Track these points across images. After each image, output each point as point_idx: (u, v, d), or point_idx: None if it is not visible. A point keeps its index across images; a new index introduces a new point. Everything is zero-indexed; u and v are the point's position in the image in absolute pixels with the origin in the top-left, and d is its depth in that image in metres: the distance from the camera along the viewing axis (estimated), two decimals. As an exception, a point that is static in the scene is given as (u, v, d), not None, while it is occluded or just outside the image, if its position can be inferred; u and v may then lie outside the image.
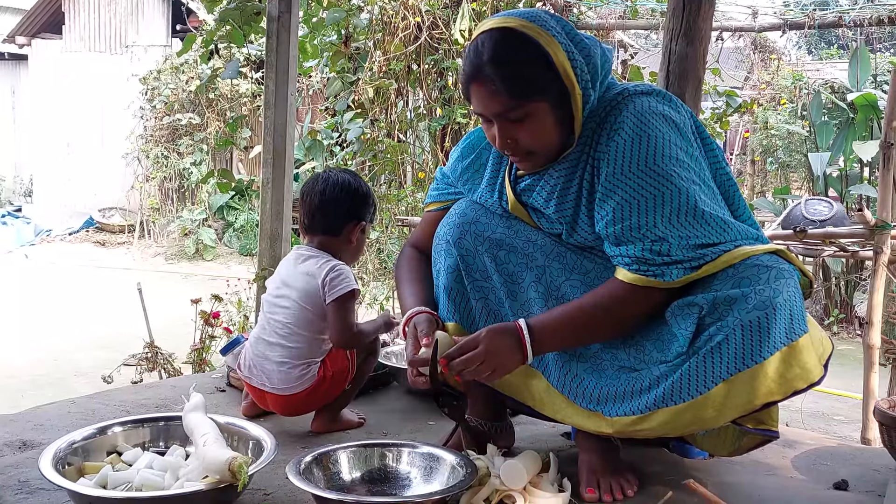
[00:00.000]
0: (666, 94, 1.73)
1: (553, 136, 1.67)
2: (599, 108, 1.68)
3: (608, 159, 1.63)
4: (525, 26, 1.61)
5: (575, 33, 1.66)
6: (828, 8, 6.45)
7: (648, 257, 1.58)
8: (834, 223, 4.98)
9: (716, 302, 1.53)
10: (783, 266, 1.57)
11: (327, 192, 2.15)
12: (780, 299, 1.51)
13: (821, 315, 7.18)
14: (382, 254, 7.04)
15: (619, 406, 1.63)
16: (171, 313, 5.31)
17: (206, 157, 11.75)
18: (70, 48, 13.14)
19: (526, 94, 1.60)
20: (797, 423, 3.91)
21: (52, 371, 5.75)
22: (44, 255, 11.25)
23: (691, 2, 2.62)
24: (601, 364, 1.70)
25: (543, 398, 1.77)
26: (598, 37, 7.15)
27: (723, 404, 1.52)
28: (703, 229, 1.57)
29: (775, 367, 1.51)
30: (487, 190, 1.86)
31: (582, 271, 1.75)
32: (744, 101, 6.74)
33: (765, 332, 1.50)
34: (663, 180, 1.58)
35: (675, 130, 1.64)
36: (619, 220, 1.61)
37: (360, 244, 2.22)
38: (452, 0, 5.96)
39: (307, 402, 2.13)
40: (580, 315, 1.65)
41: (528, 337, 1.63)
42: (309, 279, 2.11)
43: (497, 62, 1.60)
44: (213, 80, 9.85)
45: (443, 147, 6.55)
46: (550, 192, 1.73)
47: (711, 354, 1.53)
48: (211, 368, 3.95)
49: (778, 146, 8.93)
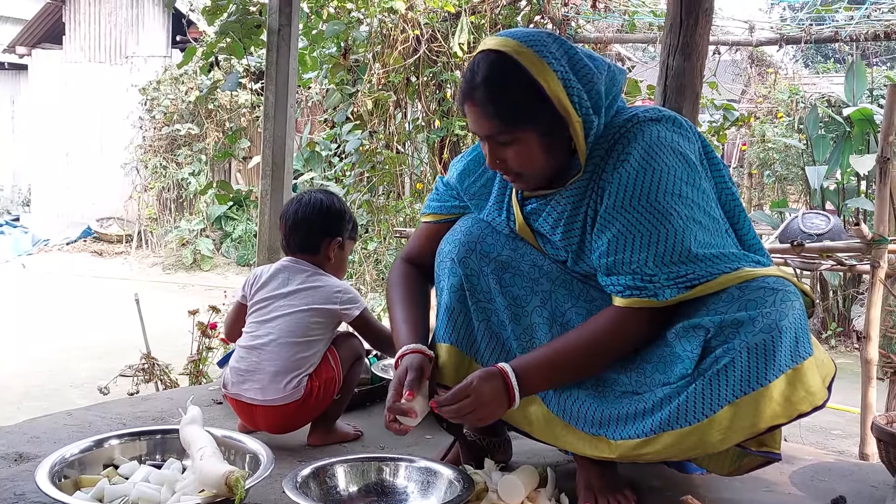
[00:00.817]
0: (676, 118, 1.70)
1: (540, 163, 1.65)
2: (608, 133, 1.66)
3: (611, 190, 1.62)
4: (520, 52, 1.58)
5: (578, 59, 1.63)
6: (824, 23, 6.48)
7: (640, 285, 1.58)
8: (831, 237, 4.98)
9: (723, 325, 1.53)
10: (789, 288, 1.56)
11: (300, 212, 2.24)
12: (786, 322, 1.51)
13: (818, 329, 7.18)
14: (380, 265, 7.05)
15: (622, 429, 1.61)
16: (167, 324, 5.31)
17: (204, 168, 11.76)
18: (70, 58, 13.17)
19: (514, 122, 1.60)
20: (795, 437, 3.91)
21: (47, 382, 5.73)
22: (41, 264, 11.25)
23: (688, 18, 2.63)
24: (602, 389, 1.67)
25: (542, 424, 1.74)
26: (596, 50, 7.19)
27: (728, 427, 1.51)
28: (692, 266, 1.57)
29: (780, 390, 1.50)
30: (495, 208, 1.83)
31: (588, 299, 1.73)
32: (741, 114, 6.76)
33: (770, 354, 1.49)
34: (662, 218, 1.57)
35: (683, 162, 1.62)
36: (612, 252, 1.61)
37: (339, 261, 2.28)
38: (451, 13, 5.98)
39: (297, 414, 2.11)
40: (570, 352, 1.63)
41: (515, 381, 1.61)
42: (316, 291, 2.14)
43: (488, 87, 1.60)
44: (212, 92, 9.88)
45: (441, 158, 6.57)
46: (557, 219, 1.71)
47: (717, 377, 1.51)
48: (207, 380, 3.94)
49: (775, 159, 8.95)
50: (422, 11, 5.88)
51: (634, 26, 6.81)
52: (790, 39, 6.46)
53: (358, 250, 6.98)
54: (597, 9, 6.16)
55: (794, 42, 6.43)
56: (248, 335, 2.15)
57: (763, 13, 20.26)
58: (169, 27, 12.69)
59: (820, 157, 7.67)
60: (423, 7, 5.89)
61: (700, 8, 2.63)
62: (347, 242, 2.28)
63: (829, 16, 6.49)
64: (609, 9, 6.59)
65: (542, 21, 6.44)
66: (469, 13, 6.05)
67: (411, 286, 1.93)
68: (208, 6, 3.92)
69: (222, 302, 4.84)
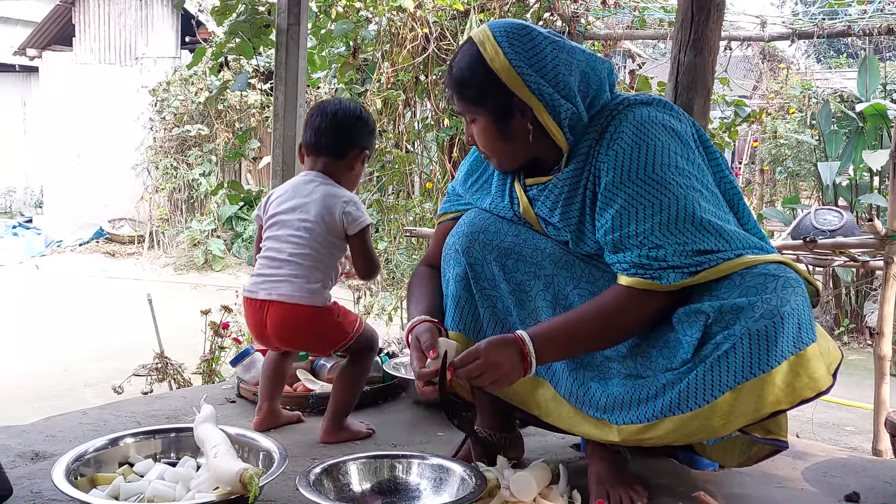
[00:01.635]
0: (666, 102, 1.75)
1: (498, 145, 1.75)
2: (600, 117, 1.72)
3: (608, 168, 1.66)
4: (483, 41, 1.69)
5: (541, 48, 1.68)
6: (837, 17, 6.44)
7: (645, 263, 1.59)
8: (844, 233, 4.95)
9: (722, 310, 1.54)
10: (790, 275, 1.57)
11: (339, 114, 2.21)
12: (788, 308, 1.52)
13: (831, 325, 7.14)
14: (391, 264, 7.05)
15: (626, 414, 1.63)
16: (180, 323, 5.33)
17: (214, 168, 11.80)
18: (80, 60, 13.24)
19: (469, 103, 1.73)
20: (808, 433, 3.89)
21: (61, 382, 5.76)
22: (54, 265, 11.31)
23: (700, 13, 2.62)
24: (608, 372, 1.71)
25: (550, 407, 1.78)
26: (606, 47, 7.16)
27: (730, 413, 1.53)
28: (700, 236, 1.58)
29: (783, 376, 1.51)
30: (498, 194, 1.87)
31: (590, 280, 1.76)
32: (752, 110, 6.73)
33: (772, 340, 1.50)
34: (661, 188, 1.60)
35: (675, 138, 1.66)
36: (617, 227, 1.63)
37: (358, 174, 2.27)
38: (460, 11, 5.98)
39: (311, 322, 2.12)
40: (582, 323, 1.66)
41: (532, 348, 1.63)
42: (327, 204, 2.14)
43: (455, 67, 1.74)
44: (222, 93, 9.91)
45: (450, 157, 6.56)
46: (555, 201, 1.75)
47: (718, 363, 1.53)
48: (220, 379, 3.95)
49: (787, 155, 8.90)
50: (431, 10, 5.87)
51: (644, 23, 6.78)
52: (802, 34, 6.43)
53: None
54: (607, 5, 6.14)
55: (807, 37, 6.39)
56: (266, 248, 2.18)
57: (775, 8, 20.17)
58: (178, 28, 12.74)
59: (832, 152, 7.63)
60: (431, 5, 5.88)
61: (711, 3, 2.62)
62: (369, 156, 2.29)
63: (841, 10, 6.44)
64: (619, 5, 6.57)
65: (552, 18, 6.43)
66: (478, 11, 6.04)
67: (428, 283, 1.98)
68: (217, 6, 3.93)
69: (234, 301, 4.86)
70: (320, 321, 2.13)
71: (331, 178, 2.20)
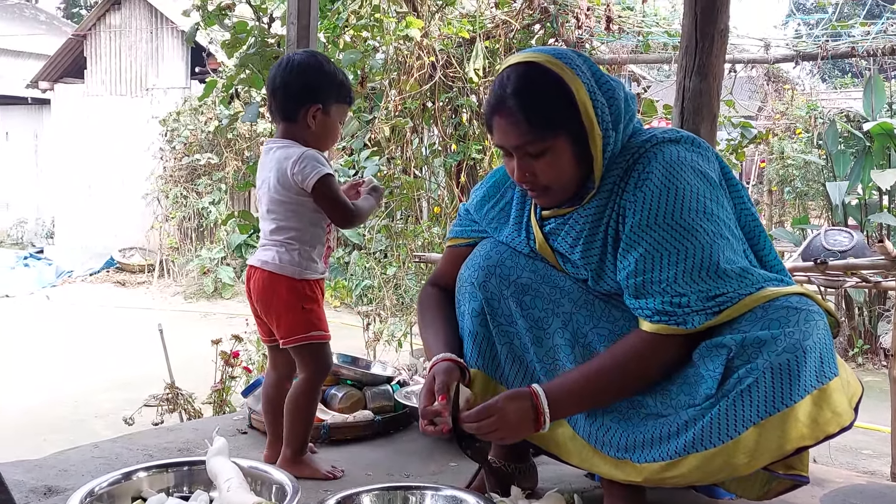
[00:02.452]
0: (694, 139, 1.72)
1: (570, 173, 1.67)
2: (626, 153, 1.68)
3: (634, 209, 1.62)
4: (550, 62, 1.63)
5: (601, 74, 1.67)
6: (840, 38, 6.46)
7: (669, 310, 1.57)
8: (854, 254, 4.94)
9: (745, 343, 1.51)
10: (812, 308, 1.55)
11: (283, 73, 2.08)
12: (810, 342, 1.50)
13: (845, 346, 7.09)
14: (399, 290, 7.05)
15: (647, 452, 1.60)
16: (189, 352, 5.34)
17: (224, 196, 11.87)
18: (91, 92, 13.39)
19: (546, 128, 1.62)
20: (825, 458, 3.85)
21: (72, 413, 5.77)
22: (65, 296, 11.35)
23: (704, 39, 2.63)
24: (627, 412, 1.67)
25: (569, 446, 1.74)
26: (611, 71, 7.20)
27: (754, 449, 1.49)
28: (722, 283, 1.56)
29: (806, 410, 1.48)
30: (514, 229, 1.84)
31: (610, 320, 1.73)
32: (759, 131, 6.74)
33: (795, 375, 1.48)
34: (688, 234, 1.58)
35: (704, 180, 1.63)
36: (640, 272, 1.60)
37: (323, 129, 2.10)
38: (466, 39, 6.03)
39: (278, 292, 2.09)
40: (601, 375, 1.63)
41: (546, 404, 1.61)
42: (280, 168, 2.05)
43: (519, 95, 1.61)
44: (233, 123, 10.00)
45: (458, 182, 6.59)
46: (576, 237, 1.72)
47: (741, 397, 1.50)
48: (231, 409, 3.95)
49: (795, 176, 8.90)
50: (437, 38, 5.93)
51: (649, 47, 6.82)
52: (806, 56, 6.45)
53: (378, 275, 7.00)
54: (611, 30, 6.18)
55: (811, 58, 6.42)
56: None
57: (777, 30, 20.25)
58: (188, 59, 12.87)
59: (840, 172, 7.62)
60: (437, 34, 5.94)
61: (715, 29, 2.64)
62: (334, 108, 2.10)
63: (844, 31, 6.46)
64: (623, 30, 6.62)
65: (557, 44, 6.47)
66: (483, 38, 6.09)
67: (440, 307, 1.94)
68: (228, 40, 3.98)
69: (244, 330, 4.87)
70: (289, 293, 2.10)
71: (293, 142, 2.09)
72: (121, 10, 13.24)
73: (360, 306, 6.98)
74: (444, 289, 1.98)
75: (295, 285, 2.11)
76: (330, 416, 2.54)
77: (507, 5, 6.49)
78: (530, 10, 6.30)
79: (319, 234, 2.14)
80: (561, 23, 6.30)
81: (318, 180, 2.03)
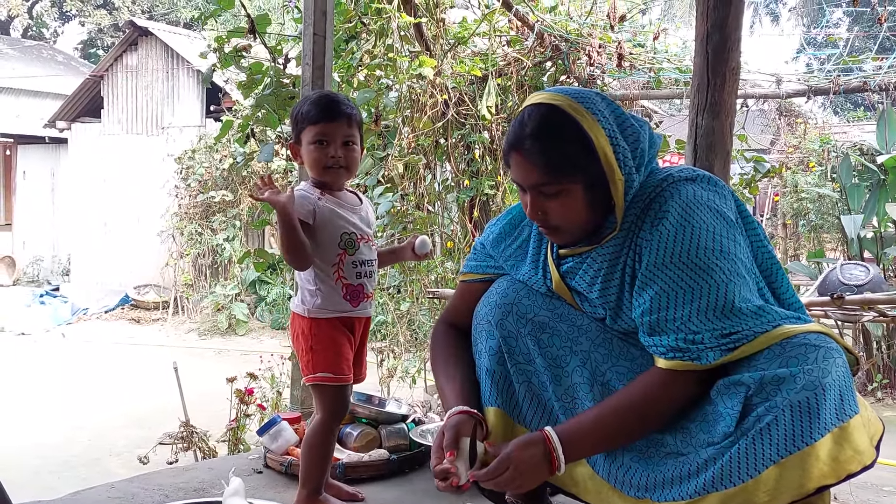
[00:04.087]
0: (710, 177, 1.73)
1: (582, 216, 1.68)
2: (643, 192, 1.68)
3: (651, 248, 1.63)
4: (571, 106, 1.63)
5: (624, 118, 1.68)
6: (852, 73, 6.49)
7: (683, 346, 1.57)
8: (871, 288, 4.91)
9: (763, 381, 1.50)
10: (831, 345, 1.54)
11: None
12: (830, 379, 1.49)
13: (864, 381, 7.01)
14: (413, 325, 7.04)
15: (667, 492, 1.58)
16: (203, 389, 5.33)
17: (238, 233, 11.94)
18: (108, 131, 13.58)
19: (561, 173, 1.63)
20: (845, 494, 3.78)
21: (87, 451, 5.77)
22: (80, 333, 11.41)
23: (715, 77, 2.65)
24: (647, 451, 1.65)
25: (588, 485, 1.73)
26: (623, 106, 7.23)
27: (775, 488, 1.47)
28: (737, 321, 1.56)
29: (827, 449, 1.47)
30: (531, 267, 1.84)
31: (628, 358, 1.73)
32: (772, 166, 6.74)
33: (815, 413, 1.46)
34: (703, 273, 1.58)
35: (721, 219, 1.63)
36: (655, 309, 1.61)
37: (307, 157, 2.13)
38: (478, 77, 6.09)
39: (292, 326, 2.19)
40: (616, 415, 1.62)
41: (560, 448, 1.60)
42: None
43: (538, 137, 1.63)
44: (248, 163, 10.11)
45: (471, 217, 6.60)
46: (594, 276, 1.72)
47: (761, 436, 1.49)
48: (245, 447, 3.94)
49: (809, 209, 8.88)
50: (449, 76, 5.99)
51: (660, 83, 6.86)
52: (818, 90, 6.47)
53: (391, 310, 6.99)
54: (622, 67, 6.23)
55: (823, 93, 6.43)
56: None
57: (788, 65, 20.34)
58: (203, 98, 13.05)
59: (855, 205, 7.60)
60: (450, 72, 6.00)
61: (727, 67, 2.66)
62: (305, 134, 2.13)
63: (855, 66, 6.49)
64: (634, 66, 6.66)
65: (569, 81, 6.52)
66: (496, 76, 6.15)
67: (453, 348, 1.93)
68: (244, 81, 4.03)
69: (258, 367, 4.87)
70: (299, 332, 2.15)
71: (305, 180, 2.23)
72: (137, 51, 13.46)
73: (373, 342, 6.98)
74: (457, 327, 1.96)
75: (303, 324, 2.13)
76: (345, 455, 2.54)
77: (519, 43, 6.55)
78: (542, 48, 6.36)
79: (323, 270, 2.12)
80: (572, 60, 6.36)
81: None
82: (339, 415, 2.17)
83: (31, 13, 26.49)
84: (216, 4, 3.90)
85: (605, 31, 6.27)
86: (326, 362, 2.11)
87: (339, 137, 2.12)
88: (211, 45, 4.15)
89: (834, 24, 21.51)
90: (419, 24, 5.57)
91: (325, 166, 2.13)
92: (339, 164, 2.12)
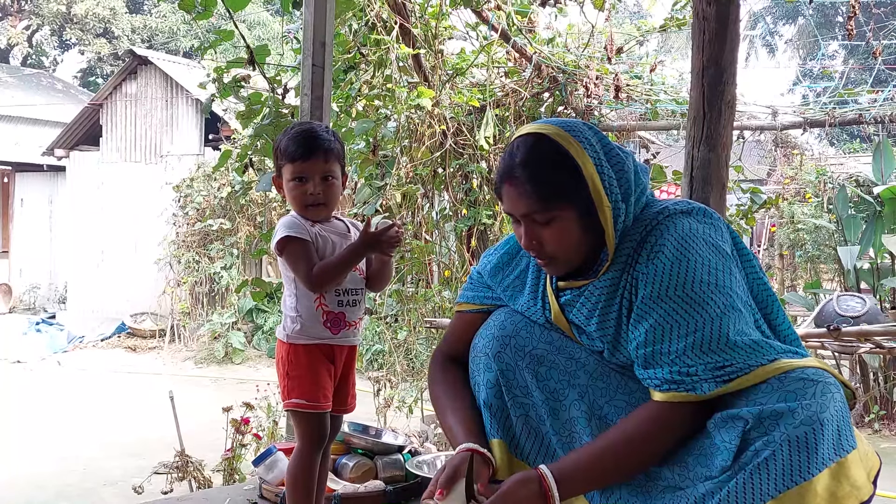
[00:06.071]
0: (706, 210, 1.73)
1: (576, 243, 1.69)
2: (639, 225, 1.69)
3: (646, 281, 1.63)
4: (559, 135, 1.66)
5: (610, 147, 1.69)
6: (847, 105, 6.55)
7: (678, 378, 1.57)
8: (868, 319, 4.91)
9: (761, 416, 1.50)
10: (829, 380, 1.54)
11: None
12: (828, 414, 1.48)
13: (861, 412, 6.98)
14: (410, 355, 7.03)
15: None
16: (199, 418, 5.31)
17: (236, 261, 11.94)
18: (106, 159, 13.61)
19: (552, 199, 1.64)
20: (845, 528, 3.76)
21: (82, 480, 5.72)
22: (76, 361, 11.35)
23: (711, 110, 2.68)
24: (645, 484, 1.64)
25: None
26: (620, 138, 7.29)
27: None
28: (732, 353, 1.56)
29: (825, 484, 1.46)
30: (530, 298, 1.83)
31: (626, 391, 1.72)
32: (768, 197, 6.78)
33: (812, 448, 1.46)
34: (698, 307, 1.58)
35: (716, 253, 1.64)
36: (650, 342, 1.60)
37: (287, 193, 2.13)
38: (476, 107, 6.14)
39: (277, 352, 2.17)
40: (612, 451, 1.61)
41: (554, 487, 1.58)
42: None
43: (526, 165, 1.65)
44: (246, 192, 10.14)
45: (468, 246, 6.62)
46: (592, 309, 1.72)
47: (758, 470, 1.48)
48: (241, 478, 3.91)
49: (806, 240, 8.91)
50: (447, 107, 6.04)
51: (657, 114, 6.92)
52: (814, 123, 6.53)
53: (388, 339, 6.98)
54: (619, 98, 6.28)
55: (818, 125, 6.49)
56: None
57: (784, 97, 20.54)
58: (202, 126, 13.10)
59: (851, 236, 7.63)
60: (448, 103, 6.05)
61: (723, 100, 2.68)
62: (284, 171, 2.13)
63: (851, 99, 6.55)
64: (631, 98, 6.72)
65: (566, 111, 6.57)
66: (493, 107, 6.20)
67: (453, 382, 1.91)
68: (242, 111, 4.06)
69: (254, 396, 4.85)
70: (279, 356, 2.15)
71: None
72: (137, 80, 13.54)
73: (370, 371, 6.96)
74: (455, 358, 1.95)
75: (282, 349, 2.14)
76: (341, 486, 2.52)
77: (517, 74, 6.62)
78: (539, 79, 6.42)
79: (305, 296, 2.11)
80: (570, 91, 6.42)
81: (277, 243, 2.07)
82: (317, 443, 2.13)
83: (30, 42, 26.70)
84: (216, 35, 3.94)
85: (603, 62, 6.34)
86: (301, 389, 2.09)
87: (317, 174, 2.10)
88: (210, 75, 4.19)
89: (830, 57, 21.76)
90: (417, 54, 5.62)
91: (305, 204, 2.12)
92: (318, 202, 2.11)
